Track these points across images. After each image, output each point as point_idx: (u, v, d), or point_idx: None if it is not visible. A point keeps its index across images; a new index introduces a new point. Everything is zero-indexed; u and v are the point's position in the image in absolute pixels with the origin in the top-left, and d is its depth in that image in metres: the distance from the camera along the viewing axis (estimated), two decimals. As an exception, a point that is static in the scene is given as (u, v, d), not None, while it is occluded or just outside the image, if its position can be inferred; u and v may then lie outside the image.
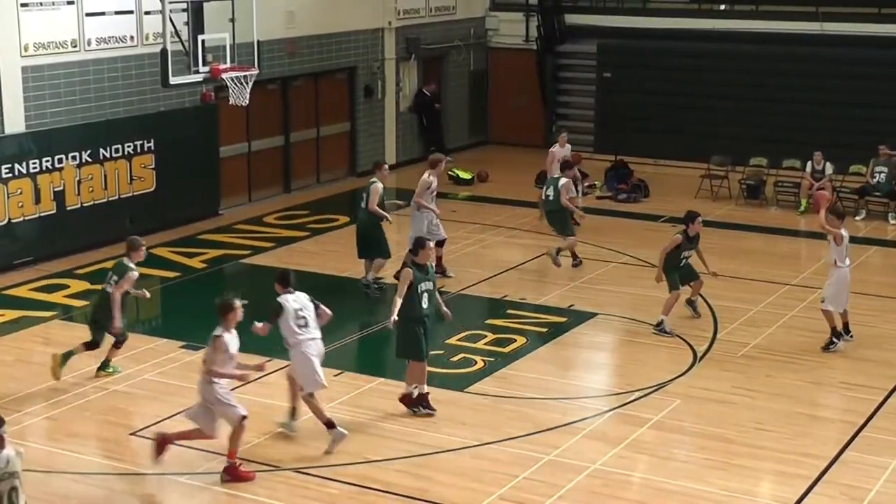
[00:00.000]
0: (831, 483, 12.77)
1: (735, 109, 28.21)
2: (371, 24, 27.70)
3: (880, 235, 23.37)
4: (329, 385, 15.18)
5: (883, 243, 22.87)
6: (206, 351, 12.96)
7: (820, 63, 27.86)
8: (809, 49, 28.09)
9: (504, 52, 31.62)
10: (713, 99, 28.50)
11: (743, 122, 27.96)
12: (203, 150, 23.49)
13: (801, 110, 27.55)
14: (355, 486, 12.56)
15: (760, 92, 28.05)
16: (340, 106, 27.65)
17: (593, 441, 13.76)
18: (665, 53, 29.40)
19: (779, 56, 28.21)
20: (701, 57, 28.95)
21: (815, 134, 26.47)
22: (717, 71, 28.67)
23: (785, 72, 28.04)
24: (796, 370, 16.04)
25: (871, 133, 25.72)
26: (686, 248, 17.52)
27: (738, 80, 28.33)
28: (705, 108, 28.51)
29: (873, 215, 24.44)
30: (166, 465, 13.00)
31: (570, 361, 16.89)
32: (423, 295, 14.10)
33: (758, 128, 27.69)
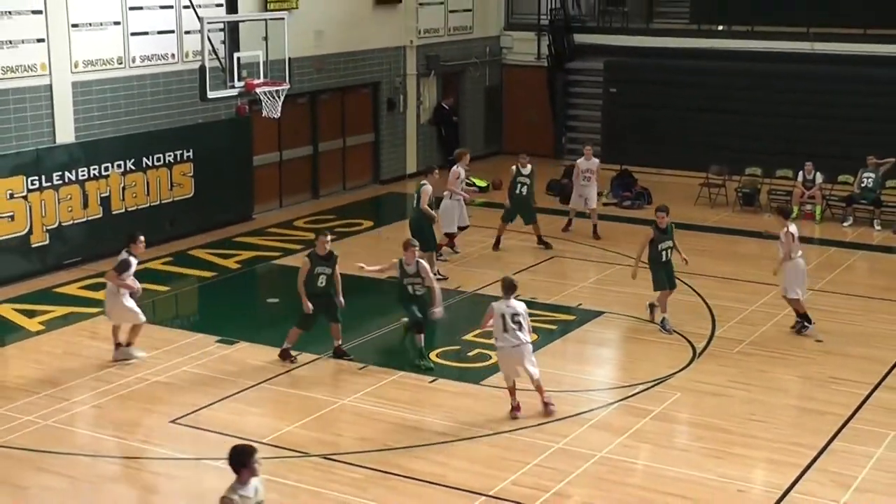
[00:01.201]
0: (821, 471, 12.74)
1: (732, 122, 28.13)
2: (394, 42, 27.71)
3: (866, 241, 23.28)
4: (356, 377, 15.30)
5: (869, 248, 22.78)
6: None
7: (811, 80, 27.79)
8: (801, 66, 28.01)
9: (517, 69, 31.58)
10: (712, 112, 28.43)
11: (739, 134, 27.87)
12: (238, 159, 23.53)
13: (793, 123, 27.46)
14: (379, 471, 12.57)
15: (756, 106, 27.98)
16: (365, 118, 27.65)
17: (600, 431, 13.75)
18: (667, 70, 29.34)
19: (773, 73, 28.13)
20: (700, 74, 28.88)
21: (807, 145, 26.41)
22: (715, 87, 28.60)
23: (778, 88, 27.97)
24: (788, 365, 16.00)
25: (858, 145, 25.64)
26: (661, 241, 17.45)
27: (734, 96, 28.26)
28: (704, 121, 28.44)
29: (860, 222, 24.35)
30: (204, 450, 13.05)
31: (578, 356, 16.88)
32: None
33: (753, 139, 27.60)
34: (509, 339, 13.88)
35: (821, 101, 27.40)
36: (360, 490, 12.15)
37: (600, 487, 12.32)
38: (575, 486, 12.34)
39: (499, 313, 13.94)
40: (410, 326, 16.18)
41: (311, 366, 15.77)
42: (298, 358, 15.89)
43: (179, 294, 19.52)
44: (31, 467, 12.66)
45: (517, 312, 13.93)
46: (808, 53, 28.06)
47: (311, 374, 15.53)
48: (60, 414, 14.05)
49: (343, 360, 15.87)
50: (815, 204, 24.79)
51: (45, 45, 19.82)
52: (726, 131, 28.05)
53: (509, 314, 13.90)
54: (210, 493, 12.28)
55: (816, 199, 24.77)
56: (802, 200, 24.82)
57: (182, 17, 21.96)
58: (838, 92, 27.37)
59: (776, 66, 28.16)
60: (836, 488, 12.35)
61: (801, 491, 12.28)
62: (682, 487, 12.30)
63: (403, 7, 27.83)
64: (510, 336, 13.88)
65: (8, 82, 19.27)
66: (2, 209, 19.09)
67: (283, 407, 14.42)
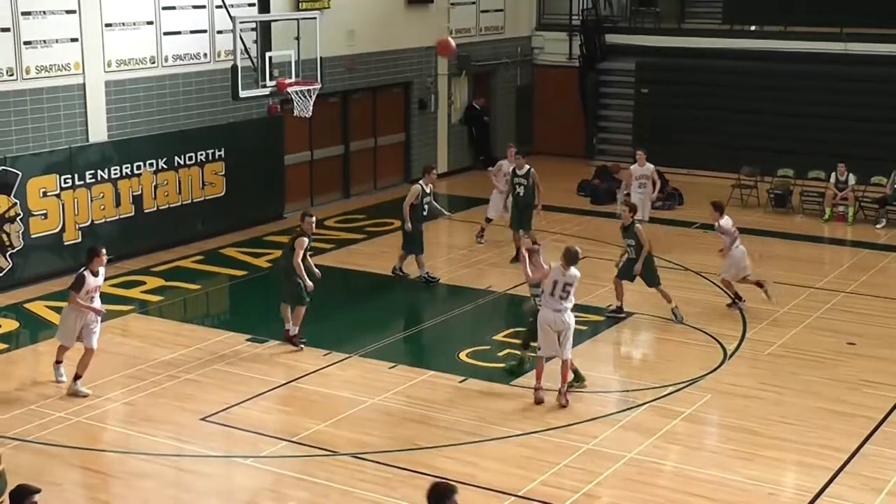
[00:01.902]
0: (852, 474, 12.67)
1: (764, 123, 28.01)
2: (425, 41, 27.71)
3: (900, 242, 23.18)
4: (383, 377, 15.32)
5: (904, 250, 22.67)
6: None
7: (844, 80, 27.64)
8: (834, 67, 27.85)
9: (549, 69, 31.56)
10: (744, 113, 28.31)
11: (771, 135, 27.74)
12: (269, 159, 23.60)
13: (825, 124, 27.30)
14: (407, 470, 12.58)
15: (788, 107, 27.83)
16: (396, 118, 27.70)
17: (629, 432, 13.72)
18: (699, 71, 29.24)
19: (805, 74, 27.99)
20: (732, 74, 28.77)
21: (839, 146, 26.24)
22: (747, 87, 28.48)
23: (811, 88, 27.83)
24: (819, 368, 15.92)
25: (891, 146, 25.53)
26: (623, 237, 18.11)
27: (767, 96, 28.13)
28: (736, 122, 28.33)
29: (893, 224, 24.20)
30: (234, 448, 13.11)
31: (607, 357, 16.85)
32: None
33: (785, 141, 27.46)
34: (552, 303, 14.40)
35: (854, 102, 27.24)
36: (389, 489, 12.17)
37: (630, 488, 12.29)
38: (604, 486, 12.32)
39: (552, 279, 14.45)
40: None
41: (341, 364, 15.81)
42: (328, 356, 15.94)
43: (210, 292, 19.61)
44: (63, 463, 12.75)
45: (570, 283, 14.47)
46: (841, 54, 27.89)
47: (340, 372, 15.57)
48: (92, 411, 14.15)
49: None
50: (847, 205, 24.66)
51: (78, 45, 19.95)
52: (758, 132, 27.93)
53: (562, 283, 14.43)
54: (240, 490, 12.41)
55: (849, 201, 24.63)
56: (835, 202, 24.69)
57: (214, 16, 22.07)
58: (871, 93, 27.23)
59: (809, 67, 28.01)
60: (868, 492, 12.27)
61: (832, 494, 12.22)
62: (712, 490, 12.25)
63: (435, 7, 27.86)
64: (554, 301, 14.40)
65: (42, 81, 19.42)
66: (35, 207, 19.23)
67: (312, 405, 14.46)
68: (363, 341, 16.60)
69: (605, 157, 29.83)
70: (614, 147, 30.47)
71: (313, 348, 16.29)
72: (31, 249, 19.22)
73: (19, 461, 12.61)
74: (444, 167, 28.63)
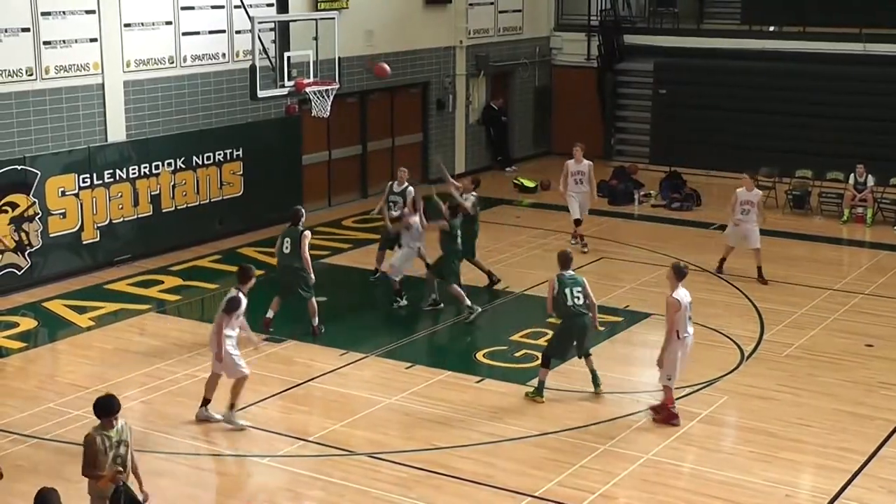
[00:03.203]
0: (870, 476, 12.63)
1: (782, 124, 27.92)
2: (443, 42, 27.75)
3: (919, 244, 23.08)
4: (400, 377, 15.33)
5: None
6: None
7: (863, 81, 27.54)
8: (853, 68, 27.75)
9: (567, 70, 31.52)
10: (762, 114, 28.23)
11: (790, 136, 27.65)
12: (287, 158, 23.64)
13: (844, 125, 27.20)
14: (424, 470, 12.60)
15: (806, 108, 27.75)
16: (414, 118, 27.71)
17: (646, 433, 13.70)
18: (717, 71, 29.17)
19: (824, 74, 27.90)
20: (751, 75, 28.69)
21: (858, 147, 26.14)
22: (765, 88, 28.40)
23: (830, 89, 27.74)
24: (837, 370, 15.87)
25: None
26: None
27: (785, 97, 28.04)
28: (754, 122, 28.24)
29: (913, 225, 24.17)
30: (251, 447, 13.14)
31: (625, 358, 16.81)
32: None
33: (804, 141, 27.36)
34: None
35: (873, 103, 27.13)
36: (405, 489, 12.18)
37: (646, 490, 12.28)
38: (621, 487, 12.31)
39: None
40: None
41: (358, 364, 15.83)
42: (344, 356, 15.97)
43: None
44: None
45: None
46: (860, 54, 27.79)
47: (357, 372, 15.59)
48: (110, 409, 14.16)
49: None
50: (866, 207, 24.56)
51: (97, 45, 20.03)
52: (776, 133, 27.84)
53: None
54: (257, 489, 12.43)
55: (868, 203, 24.54)
56: (853, 203, 24.61)
57: (233, 16, 22.08)
58: (891, 94, 27.10)
59: (827, 68, 27.92)
60: (886, 495, 12.23)
61: (850, 497, 12.18)
62: (729, 491, 12.23)
63: (453, 7, 27.87)
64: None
65: (61, 81, 19.49)
66: (54, 206, 19.30)
67: (329, 405, 14.48)
68: (380, 341, 16.62)
69: (623, 157, 29.79)
70: (632, 148, 30.42)
71: (330, 348, 16.31)
72: (50, 248, 19.30)
73: (38, 459, 12.69)
74: (461, 167, 28.63)
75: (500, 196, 26.51)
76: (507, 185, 27.45)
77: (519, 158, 30.05)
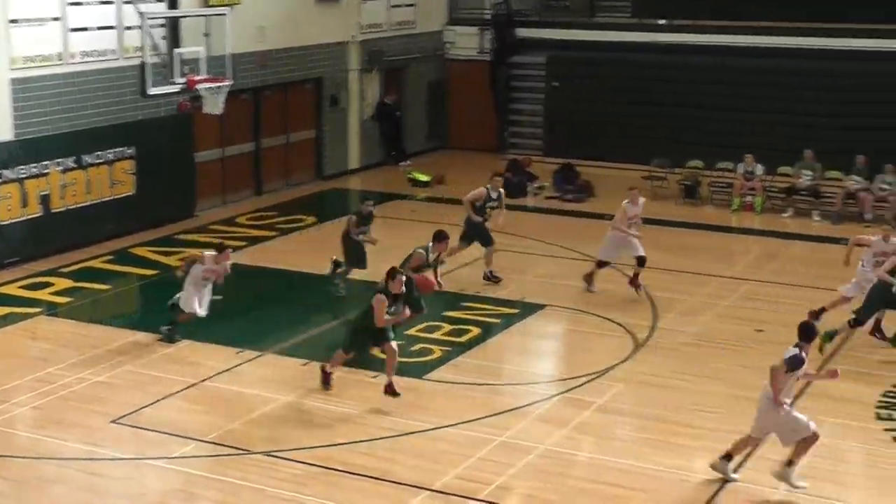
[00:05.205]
0: (761, 458, 12.79)
1: (673, 115, 28.24)
2: (336, 37, 27.57)
3: (806, 231, 23.49)
4: (297, 374, 15.21)
5: (808, 238, 22.98)
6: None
7: (750, 73, 27.99)
8: (742, 60, 28.20)
9: (460, 64, 31.54)
10: (653, 106, 28.53)
11: (681, 127, 27.98)
12: (179, 156, 23.29)
13: (733, 116, 27.60)
14: (321, 467, 12.49)
15: (697, 99, 28.12)
16: (308, 114, 27.48)
17: (542, 423, 13.75)
18: (609, 64, 29.43)
19: (713, 66, 28.31)
20: (642, 67, 29.01)
21: (747, 138, 26.54)
22: (657, 80, 28.73)
23: (719, 81, 28.14)
24: (729, 355, 16.10)
25: (796, 137, 25.88)
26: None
27: (676, 89, 28.39)
28: (646, 114, 28.53)
29: (800, 212, 24.58)
30: (146, 450, 12.92)
31: (521, 350, 16.88)
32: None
33: (694, 132, 27.72)
34: None
35: (760, 94, 27.58)
36: (301, 486, 12.07)
37: (543, 480, 12.32)
38: (518, 479, 12.34)
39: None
40: None
41: (254, 362, 15.66)
42: (241, 355, 15.80)
43: (121, 293, 19.34)
44: (-30, 469, 12.47)
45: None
46: (749, 47, 28.26)
47: (253, 370, 15.42)
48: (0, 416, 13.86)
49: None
50: (755, 195, 24.98)
51: (-19, 42, 19.55)
52: (668, 124, 28.17)
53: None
54: (152, 493, 12.22)
55: (757, 191, 24.98)
56: (743, 192, 25.01)
57: (123, 12, 21.65)
58: (777, 85, 27.59)
59: (716, 60, 28.35)
60: (776, 476, 12.43)
61: (742, 479, 12.35)
62: (625, 478, 12.32)
63: (346, 2, 27.69)
64: None
65: (-56, 80, 18.99)
66: (-61, 209, 18.81)
67: (225, 404, 14.29)
68: (276, 338, 16.45)
69: (517, 150, 29.89)
70: (526, 141, 30.57)
71: (225, 346, 16.10)
72: (-64, 252, 18.80)
73: (-76, 469, 12.34)
74: (356, 163, 28.53)
75: (395, 191, 26.46)
76: (401, 180, 27.39)
77: (413, 153, 29.99)
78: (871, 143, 25.23)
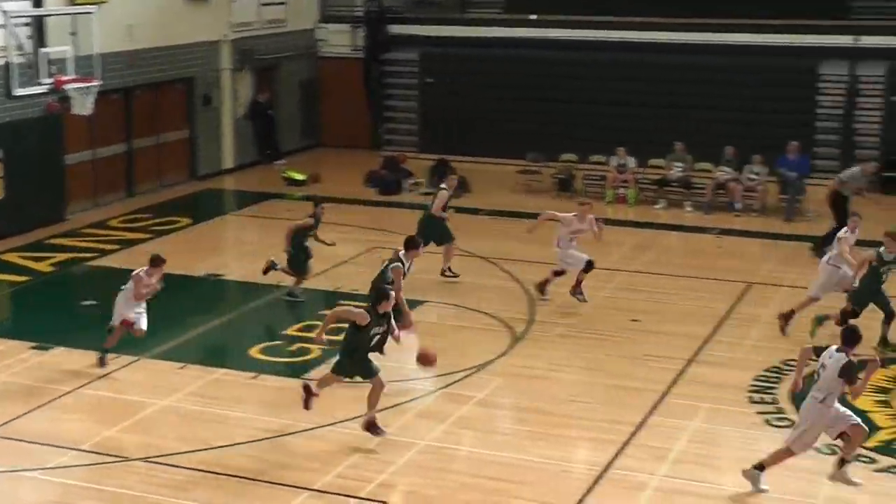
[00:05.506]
0: (639, 446, 13.02)
1: (547, 110, 28.50)
2: (207, 36, 27.22)
3: (678, 221, 23.90)
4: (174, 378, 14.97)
5: (681, 228, 23.39)
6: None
7: (621, 67, 28.42)
8: (612, 55, 28.59)
9: (333, 61, 31.40)
10: (527, 101, 28.76)
11: (554, 121, 28.25)
12: (48, 159, 22.73)
13: (605, 110, 27.98)
14: (201, 471, 12.33)
15: (570, 94, 28.42)
16: (180, 114, 27.11)
17: (423, 419, 13.77)
18: (482, 59, 29.60)
19: (584, 61, 28.65)
20: (515, 62, 29.22)
21: (619, 132, 26.87)
22: (530, 75, 28.95)
23: (590, 75, 28.51)
24: (607, 346, 16.30)
25: (667, 130, 26.32)
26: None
27: (549, 84, 28.66)
28: (520, 109, 28.73)
29: (672, 203, 25.00)
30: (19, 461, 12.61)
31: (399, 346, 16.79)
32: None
33: (567, 126, 28.02)
34: None
35: (631, 89, 28.06)
36: (183, 492, 11.90)
37: (425, 476, 12.33)
38: (399, 475, 12.34)
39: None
40: None
41: (129, 368, 15.38)
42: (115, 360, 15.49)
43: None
44: None
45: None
46: (620, 42, 28.63)
47: (129, 376, 15.14)
48: None
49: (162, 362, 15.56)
50: (628, 187, 25.36)
51: None
52: (542, 119, 28.41)
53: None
54: (25, 504, 11.91)
55: (629, 183, 25.36)
56: (616, 185, 25.36)
57: (-16, 12, 21.12)
58: (646, 79, 28.06)
59: (587, 55, 28.71)
60: (654, 462, 12.64)
61: (621, 467, 12.53)
62: (506, 471, 12.38)
63: (215, 1, 27.35)
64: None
65: None
66: None
67: (102, 412, 14.02)
68: (151, 342, 16.14)
69: (392, 147, 29.87)
70: (401, 137, 30.56)
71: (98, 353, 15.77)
72: None
73: None
74: (230, 163, 28.23)
75: (271, 190, 26.26)
76: (276, 179, 27.17)
77: (288, 152, 29.78)
78: (740, 135, 25.81)
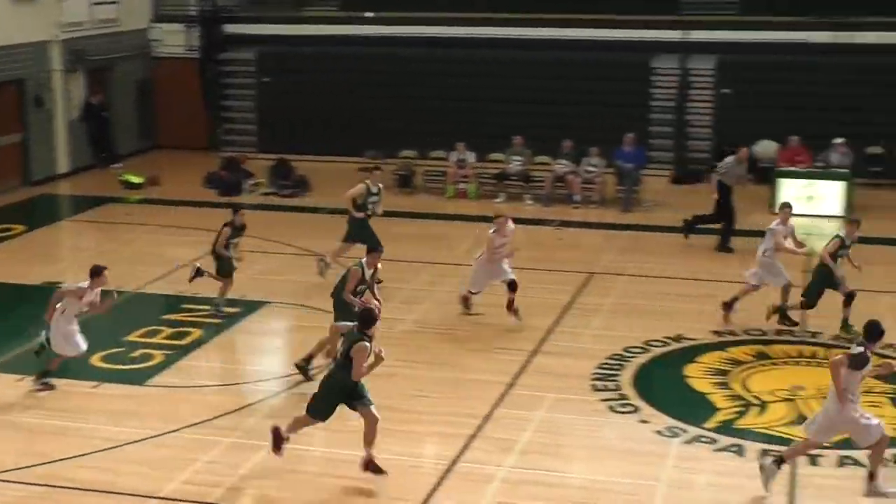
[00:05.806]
0: (486, 438, 13.15)
1: (385, 107, 28.55)
2: (36, 36, 26.49)
3: (518, 214, 24.09)
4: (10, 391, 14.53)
5: (521, 221, 23.49)
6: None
7: (460, 63, 28.66)
8: (450, 51, 28.82)
9: (168, 62, 30.90)
10: (365, 98, 28.78)
11: (393, 118, 28.31)
12: None
13: (444, 106, 28.18)
14: (42, 486, 12.01)
15: (407, 90, 28.52)
16: (11, 117, 26.34)
17: (270, 420, 13.54)
18: (319, 58, 29.55)
19: (422, 57, 28.80)
20: (352, 60, 29.25)
21: (458, 127, 27.07)
22: (367, 72, 29.00)
23: (428, 71, 28.65)
24: (452, 340, 16.41)
25: (505, 125, 26.59)
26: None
27: (387, 81, 28.74)
28: (358, 106, 28.72)
29: (512, 197, 25.29)
30: None
31: (244, 348, 16.71)
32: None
33: (407, 122, 28.10)
34: None
35: (470, 84, 28.34)
36: (24, 508, 11.60)
37: (275, 477, 12.23)
38: (249, 478, 12.23)
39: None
40: None
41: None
42: None
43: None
44: None
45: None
46: (458, 38, 28.87)
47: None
48: None
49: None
50: (468, 182, 25.57)
51: None
52: (380, 115, 28.46)
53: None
54: None
55: (470, 178, 25.58)
56: (456, 179, 25.55)
57: None
58: (487, 74, 28.42)
59: (424, 51, 28.90)
60: (501, 453, 12.77)
61: (468, 459, 12.63)
62: (356, 469, 12.32)
63: (43, 0, 26.62)
64: None
65: None
66: None
67: (-64, 427, 13.55)
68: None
69: (232, 147, 29.55)
70: (240, 138, 30.27)
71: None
72: None
73: None
74: (65, 167, 27.56)
75: (108, 194, 25.72)
76: (113, 183, 26.61)
77: (125, 154, 29.20)
78: (577, 128, 26.23)
